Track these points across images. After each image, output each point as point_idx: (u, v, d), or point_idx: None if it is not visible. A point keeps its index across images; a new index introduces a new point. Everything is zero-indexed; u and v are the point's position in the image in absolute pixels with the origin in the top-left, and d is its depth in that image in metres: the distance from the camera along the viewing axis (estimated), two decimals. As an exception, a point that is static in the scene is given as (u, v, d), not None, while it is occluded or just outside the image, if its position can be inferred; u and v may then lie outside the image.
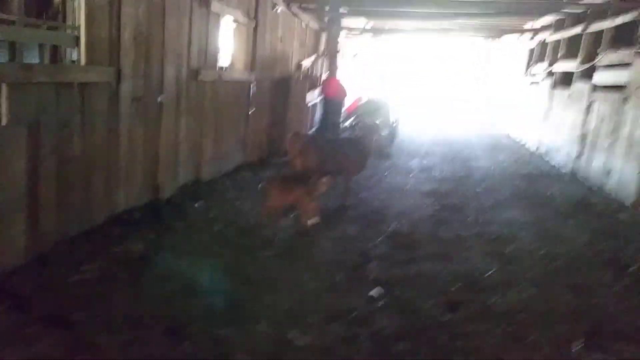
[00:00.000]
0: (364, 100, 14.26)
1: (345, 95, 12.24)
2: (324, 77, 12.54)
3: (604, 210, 7.45)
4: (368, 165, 6.44)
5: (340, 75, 14.74)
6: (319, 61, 12.55)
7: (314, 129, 10.99)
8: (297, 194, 5.13)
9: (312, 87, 10.49)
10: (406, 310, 3.73)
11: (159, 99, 5.20)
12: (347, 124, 13.35)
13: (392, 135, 12.97)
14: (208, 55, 6.17)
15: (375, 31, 16.23)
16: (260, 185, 6.84)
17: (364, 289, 3.98)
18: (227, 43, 7.58)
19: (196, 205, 5.57)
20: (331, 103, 11.88)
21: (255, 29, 7.66)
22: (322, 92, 11.83)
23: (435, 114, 22.19)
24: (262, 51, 8.06)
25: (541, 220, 6.57)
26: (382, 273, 4.33)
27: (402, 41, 23.55)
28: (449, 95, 25.37)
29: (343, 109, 13.79)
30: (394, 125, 13.35)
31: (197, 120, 6.13)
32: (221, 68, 6.94)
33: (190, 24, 5.63)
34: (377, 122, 11.49)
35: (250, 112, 7.92)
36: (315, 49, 12.02)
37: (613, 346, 3.37)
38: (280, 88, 9.38)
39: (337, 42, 12.74)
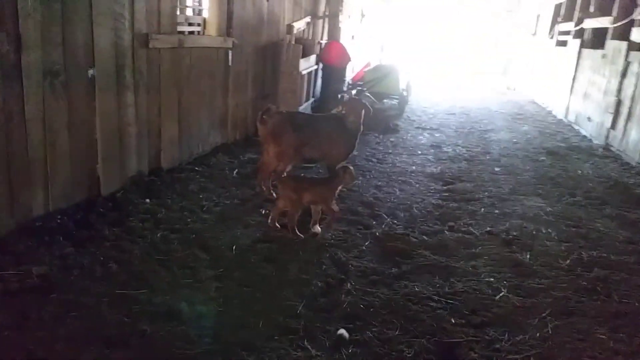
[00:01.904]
0: (370, 66, 13.00)
1: (348, 61, 11.00)
2: (324, 41, 11.28)
3: (646, 194, 6.25)
4: (356, 146, 5.29)
5: (344, 39, 13.47)
6: (319, 23, 11.28)
7: (311, 101, 9.85)
8: (316, 194, 4.20)
9: (308, 53, 9.30)
10: None
11: (89, 73, 4.17)
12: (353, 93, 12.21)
13: (402, 104, 11.77)
14: (163, 17, 5.08)
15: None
16: (235, 173, 5.84)
17: (331, 326, 2.98)
18: (194, 2, 6.47)
19: (145, 202, 4.59)
20: (333, 70, 10.69)
21: (230, -15, 6.51)
22: (322, 58, 10.62)
23: (452, 80, 20.68)
24: (241, 12, 6.91)
25: (571, 210, 5.44)
26: (359, 299, 3.32)
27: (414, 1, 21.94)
28: (469, 60, 23.70)
29: (347, 76, 12.62)
30: (404, 93, 12.12)
31: (151, 97, 5.10)
32: (183, 33, 5.84)
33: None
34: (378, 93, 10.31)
35: (230, 84, 6.84)
36: (313, 9, 10.75)
37: None
38: (268, 55, 8.24)
39: (339, 1, 11.43)
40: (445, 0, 21.74)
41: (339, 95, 10.07)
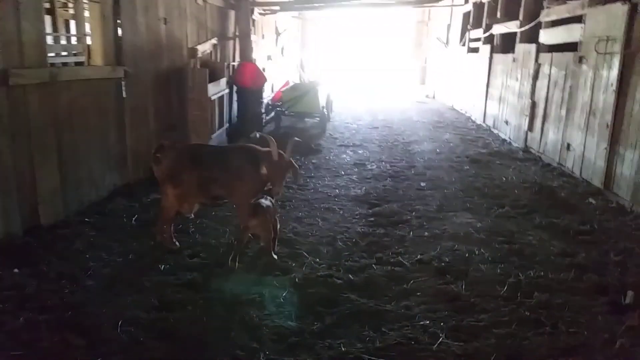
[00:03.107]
0: (288, 85, 12.59)
1: (264, 82, 10.50)
2: (236, 63, 10.71)
3: (571, 196, 6.17)
4: (267, 183, 4.59)
5: (259, 59, 12.98)
6: (229, 44, 10.70)
7: (225, 127, 9.20)
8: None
9: (218, 76, 8.68)
10: None
11: None
12: (272, 114, 11.69)
13: (323, 122, 11.39)
14: (26, 47, 4.29)
15: (297, 6, 14.45)
16: (134, 219, 5.09)
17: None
18: (75, 28, 5.69)
19: (14, 272, 3.76)
20: (248, 92, 10.13)
21: (115, 8, 5.78)
22: (236, 80, 10.04)
23: (373, 93, 20.75)
24: (132, 37, 6.19)
25: (501, 224, 5.17)
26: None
27: (329, 17, 21.94)
28: (387, 71, 23.99)
29: (265, 97, 12.11)
30: (325, 111, 11.76)
31: (17, 145, 4.28)
32: (60, 64, 5.06)
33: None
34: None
35: (126, 118, 6.08)
36: (222, 30, 10.16)
37: None
38: (172, 82, 7.53)
39: (249, 21, 10.92)
40: (360, 15, 21.91)
41: (252, 134, 9.46)
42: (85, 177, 5.34)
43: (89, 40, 5.80)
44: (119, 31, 5.88)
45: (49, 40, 5.35)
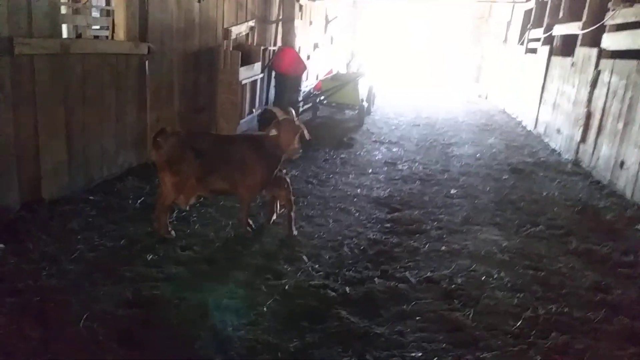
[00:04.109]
0: (329, 75, 12.20)
1: (303, 69, 10.16)
2: (275, 48, 10.42)
3: (618, 220, 5.51)
4: (273, 175, 4.36)
5: (304, 46, 12.66)
6: (271, 28, 10.43)
7: (257, 113, 8.94)
8: None
9: (252, 60, 8.42)
10: None
11: None
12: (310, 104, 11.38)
13: (361, 116, 10.96)
14: (35, 16, 4.14)
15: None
16: (139, 202, 4.92)
17: None
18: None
19: (0, 247, 3.64)
20: (287, 79, 9.84)
21: (143, -18, 5.61)
22: (275, 66, 9.77)
23: (422, 88, 20.01)
24: (161, 14, 6.01)
25: (530, 245, 4.64)
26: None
27: (384, 7, 21.27)
28: (440, 67, 23.08)
29: (305, 85, 11.80)
30: (365, 104, 11.31)
31: (21, 115, 4.16)
32: (68, 37, 4.92)
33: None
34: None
35: (147, 96, 5.93)
36: (263, 13, 9.89)
37: None
38: (203, 63, 7.35)
39: (294, 6, 10.59)
40: (417, 7, 21.09)
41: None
42: (96, 154, 5.22)
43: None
44: (148, 8, 5.71)
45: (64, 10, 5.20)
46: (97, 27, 6.47)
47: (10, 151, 4.13)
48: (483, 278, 3.88)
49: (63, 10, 4.64)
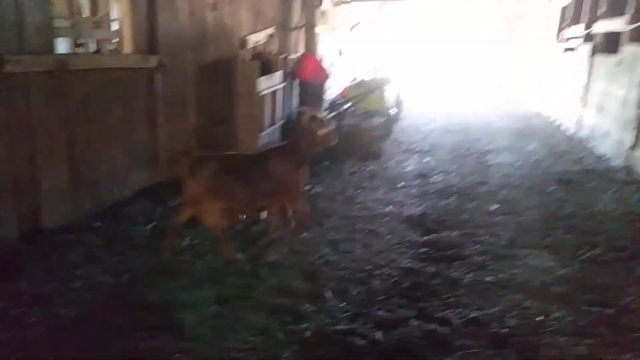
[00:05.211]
0: (354, 82, 11.69)
1: (325, 76, 9.72)
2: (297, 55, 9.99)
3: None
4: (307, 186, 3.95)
5: (328, 52, 12.22)
6: (292, 35, 10.01)
7: (279, 124, 8.48)
8: None
9: (272, 69, 7.99)
10: None
11: None
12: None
13: (389, 124, 10.39)
14: (27, 30, 3.78)
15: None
16: (150, 227, 4.50)
17: None
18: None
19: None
20: (308, 86, 9.41)
21: (151, -9, 5.24)
22: (297, 74, 9.35)
23: (451, 93, 19.26)
24: (171, 24, 5.63)
25: (591, 272, 3.99)
26: None
27: (411, 9, 20.67)
28: (471, 69, 22.29)
29: (329, 94, 11.34)
30: (392, 112, 10.74)
31: (14, 139, 3.80)
32: (66, 53, 4.57)
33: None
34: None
35: (158, 112, 5.54)
36: (283, 20, 9.48)
37: None
38: (220, 74, 6.94)
39: (315, 11, 10.17)
40: (446, 9, 20.45)
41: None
42: (103, 176, 4.84)
43: (116, 27, 5.27)
44: (157, 18, 5.34)
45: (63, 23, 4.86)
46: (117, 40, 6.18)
47: (5, 178, 3.76)
48: (539, 318, 3.27)
49: (64, 23, 4.30)
